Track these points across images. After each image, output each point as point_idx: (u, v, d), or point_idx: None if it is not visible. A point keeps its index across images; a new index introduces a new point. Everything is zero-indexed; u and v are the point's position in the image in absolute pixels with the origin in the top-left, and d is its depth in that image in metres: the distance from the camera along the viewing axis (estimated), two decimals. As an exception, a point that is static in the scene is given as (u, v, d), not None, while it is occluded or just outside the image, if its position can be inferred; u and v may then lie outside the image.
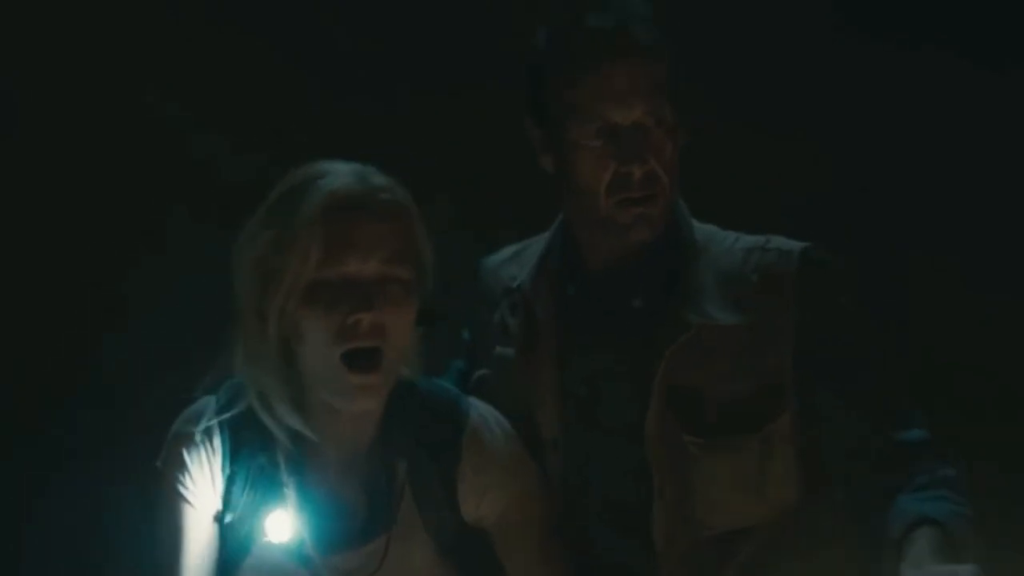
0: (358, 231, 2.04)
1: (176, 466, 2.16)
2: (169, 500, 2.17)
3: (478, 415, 2.21)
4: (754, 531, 2.20)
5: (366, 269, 2.03)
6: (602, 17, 2.19)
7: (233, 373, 2.18)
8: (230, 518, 2.14)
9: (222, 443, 2.15)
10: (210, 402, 2.19)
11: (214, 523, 2.15)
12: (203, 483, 2.15)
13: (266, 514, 2.12)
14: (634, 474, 2.21)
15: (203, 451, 2.15)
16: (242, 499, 2.14)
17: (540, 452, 2.27)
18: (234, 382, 2.19)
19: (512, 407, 2.29)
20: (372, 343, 2.03)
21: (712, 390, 2.20)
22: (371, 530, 2.13)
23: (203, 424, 2.16)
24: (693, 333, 2.19)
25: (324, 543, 2.13)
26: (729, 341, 2.20)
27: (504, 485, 2.18)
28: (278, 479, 2.13)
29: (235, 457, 2.14)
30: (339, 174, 2.09)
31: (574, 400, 2.27)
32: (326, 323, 2.03)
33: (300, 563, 2.12)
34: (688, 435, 2.19)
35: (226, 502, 2.15)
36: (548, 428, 2.27)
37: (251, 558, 2.14)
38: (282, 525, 2.12)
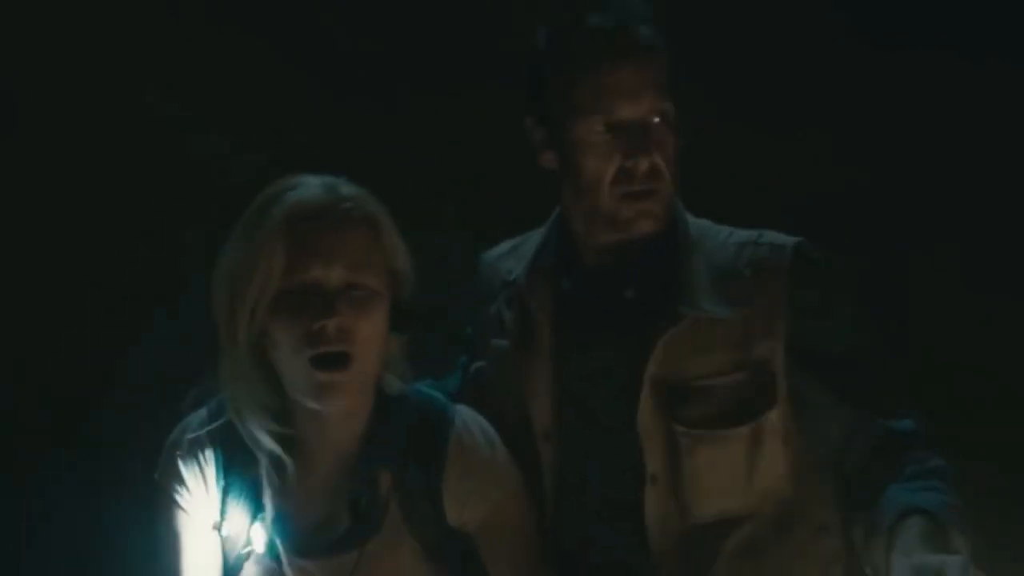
0: (321, 240, 2.08)
1: (172, 477, 2.22)
2: (167, 510, 2.22)
3: (462, 422, 2.23)
4: (745, 520, 2.21)
5: (330, 276, 2.08)
6: (603, 16, 2.22)
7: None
8: (227, 527, 2.19)
9: (214, 454, 2.20)
10: (203, 413, 2.23)
11: (213, 532, 2.20)
12: (198, 493, 2.20)
13: (253, 522, 2.17)
14: (632, 471, 2.23)
15: (196, 462, 2.20)
16: (237, 508, 2.18)
17: (532, 444, 2.28)
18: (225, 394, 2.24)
19: (506, 398, 2.31)
20: (338, 348, 2.08)
21: (703, 381, 2.22)
22: (355, 537, 2.17)
23: (193, 435, 2.21)
24: (685, 324, 2.21)
25: (306, 549, 2.17)
26: (721, 333, 2.22)
27: (487, 491, 2.21)
28: (263, 488, 2.17)
29: (229, 467, 2.19)
30: (307, 186, 2.14)
31: (569, 396, 2.28)
32: (293, 330, 2.08)
33: (286, 569, 2.17)
34: (679, 425, 2.21)
35: (222, 511, 2.19)
36: (541, 420, 2.29)
37: (248, 566, 2.19)
38: (263, 533, 2.17)
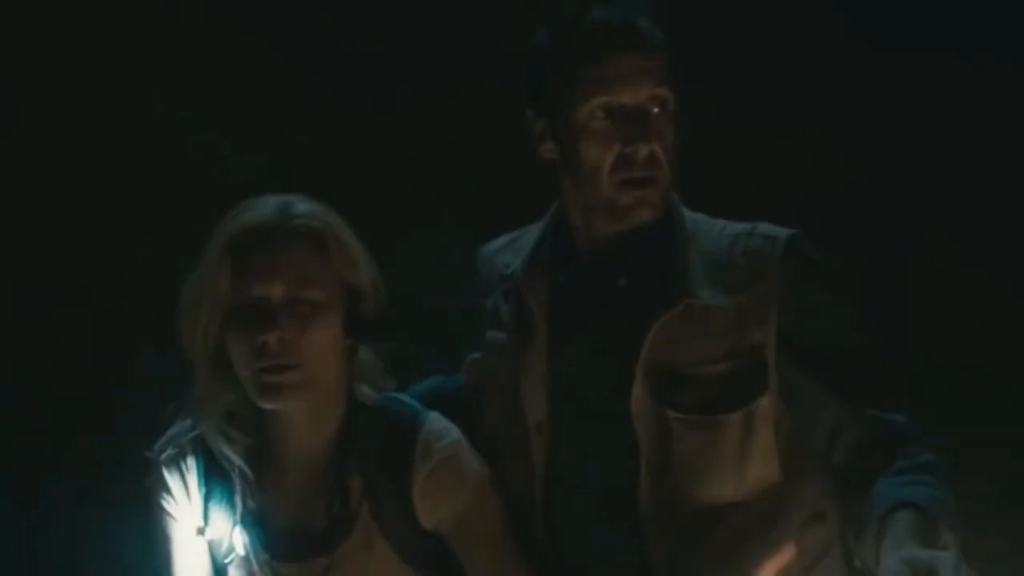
0: (261, 258, 2.16)
1: (159, 484, 2.30)
2: (157, 516, 2.31)
3: (428, 428, 2.27)
4: (738, 507, 2.22)
5: (273, 292, 2.15)
6: (605, 10, 2.24)
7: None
8: (210, 533, 2.27)
9: (195, 461, 2.28)
10: (188, 422, 2.31)
11: (199, 537, 2.28)
12: (183, 499, 2.28)
13: (232, 527, 2.26)
14: (625, 459, 2.24)
15: (179, 469, 2.29)
16: (218, 514, 2.27)
17: (526, 436, 2.30)
18: None
19: (501, 391, 2.32)
20: (283, 361, 2.15)
21: (696, 368, 2.23)
22: (328, 541, 2.23)
23: (176, 443, 2.29)
24: (679, 311, 2.22)
25: (281, 553, 2.25)
26: (714, 321, 2.23)
27: (455, 494, 2.24)
28: (237, 495, 2.26)
29: (209, 474, 2.28)
30: (258, 206, 2.21)
31: (563, 387, 2.29)
32: (241, 345, 2.17)
33: (261, 572, 2.25)
34: (672, 412, 2.23)
35: (205, 517, 2.28)
36: (534, 412, 2.30)
37: (231, 569, 2.27)
38: (242, 538, 2.25)
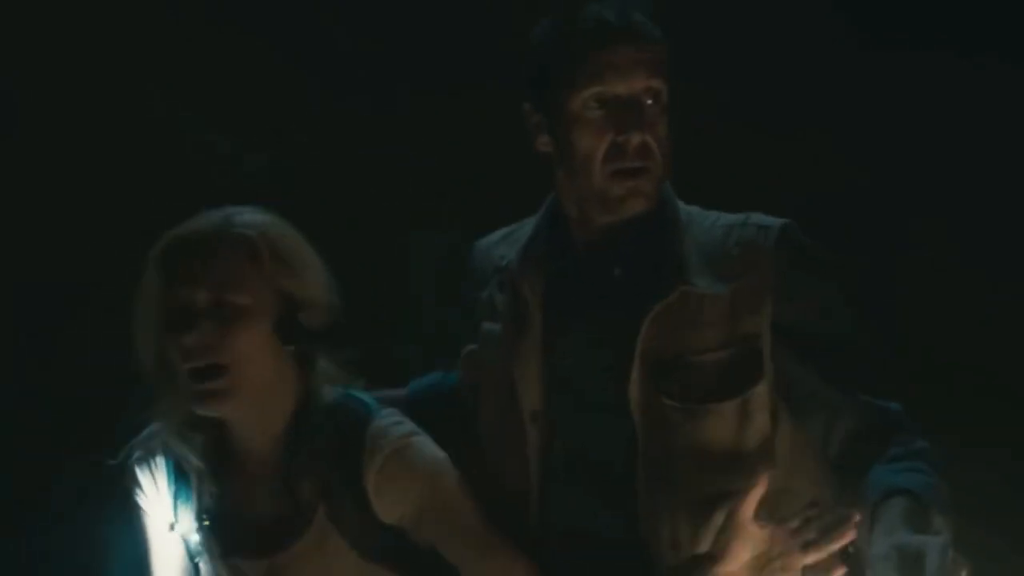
0: (186, 265, 2.27)
1: (133, 483, 2.39)
2: (133, 514, 2.40)
3: (378, 423, 2.32)
4: (734, 495, 2.22)
5: (196, 297, 2.25)
6: (603, 6, 2.26)
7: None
8: (180, 529, 2.36)
9: (164, 460, 2.37)
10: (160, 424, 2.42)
11: (171, 533, 2.38)
12: (155, 497, 2.38)
13: (198, 524, 2.35)
14: (621, 449, 2.25)
15: (149, 468, 2.38)
16: (185, 511, 2.36)
17: (522, 427, 2.31)
18: None
19: (497, 382, 2.34)
20: (204, 361, 2.25)
21: (692, 356, 2.25)
22: (283, 538, 2.30)
23: (147, 443, 2.38)
24: (674, 299, 2.24)
25: (239, 549, 2.33)
26: (709, 309, 2.25)
27: (410, 483, 2.29)
28: (202, 492, 2.35)
29: (178, 472, 2.36)
30: (203, 217, 2.31)
31: (558, 378, 2.30)
32: (171, 348, 2.27)
33: (220, 568, 2.34)
34: (669, 400, 2.23)
35: (175, 514, 2.37)
36: (529, 402, 2.32)
37: (202, 565, 2.36)
38: (204, 534, 2.34)
